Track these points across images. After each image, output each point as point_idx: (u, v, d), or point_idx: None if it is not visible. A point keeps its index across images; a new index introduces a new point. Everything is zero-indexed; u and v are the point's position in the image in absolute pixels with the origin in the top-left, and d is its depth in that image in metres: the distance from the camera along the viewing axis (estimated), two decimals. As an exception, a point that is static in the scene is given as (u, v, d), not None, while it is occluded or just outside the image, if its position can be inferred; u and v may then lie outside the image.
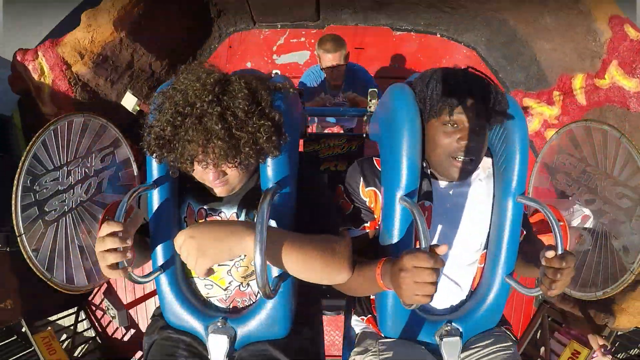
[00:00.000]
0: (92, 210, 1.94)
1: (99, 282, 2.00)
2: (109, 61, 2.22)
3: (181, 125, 0.76)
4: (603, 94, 2.12)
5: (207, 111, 0.75)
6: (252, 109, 0.79)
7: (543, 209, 0.87)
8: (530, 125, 2.55)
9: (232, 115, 0.77)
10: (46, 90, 2.09)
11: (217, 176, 0.83)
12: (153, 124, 0.81)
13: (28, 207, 1.63)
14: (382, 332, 1.00)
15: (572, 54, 2.34)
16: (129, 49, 2.28)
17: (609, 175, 1.83)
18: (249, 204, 0.94)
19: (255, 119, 0.79)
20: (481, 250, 0.99)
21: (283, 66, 3.10)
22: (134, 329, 2.59)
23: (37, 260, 1.65)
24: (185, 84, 0.80)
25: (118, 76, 2.32)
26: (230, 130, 0.76)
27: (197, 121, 0.75)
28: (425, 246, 0.73)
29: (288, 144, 0.89)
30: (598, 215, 1.87)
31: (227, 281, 0.97)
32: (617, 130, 1.77)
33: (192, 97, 0.76)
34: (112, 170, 2.06)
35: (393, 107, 0.93)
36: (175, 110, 0.77)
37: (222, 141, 0.75)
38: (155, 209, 0.93)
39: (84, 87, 2.19)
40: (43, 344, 2.09)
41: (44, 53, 2.03)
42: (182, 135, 0.77)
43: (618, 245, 1.79)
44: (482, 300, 0.97)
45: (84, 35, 2.07)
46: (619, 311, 1.89)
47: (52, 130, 1.71)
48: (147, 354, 0.97)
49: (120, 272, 0.76)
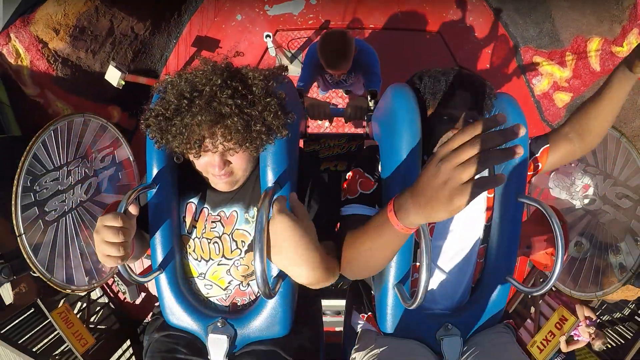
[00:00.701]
0: (92, 210, 1.94)
1: (99, 281, 2.00)
2: (86, 32, 2.06)
3: (188, 108, 0.77)
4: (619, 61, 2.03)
5: (216, 94, 0.76)
6: (259, 91, 0.81)
7: (543, 208, 0.87)
8: (539, 85, 2.44)
9: (241, 97, 0.78)
10: (25, 73, 2.00)
11: (222, 165, 0.83)
12: (155, 107, 0.81)
13: (28, 207, 1.63)
14: (381, 330, 1.00)
15: (591, 16, 2.19)
16: (106, 15, 2.11)
17: (609, 175, 1.83)
18: (248, 203, 0.95)
19: (262, 98, 0.81)
20: (479, 244, 0.99)
21: (276, 18, 2.81)
22: (144, 293, 2.63)
23: (37, 260, 1.65)
24: (191, 74, 0.82)
25: (99, 45, 2.18)
26: (241, 110, 0.78)
27: (206, 104, 0.76)
28: (425, 246, 0.73)
29: (288, 144, 0.89)
30: (598, 215, 1.87)
31: (227, 281, 0.97)
32: (617, 130, 1.77)
33: (200, 83, 0.78)
34: (112, 170, 2.06)
35: (393, 107, 0.93)
36: (180, 94, 0.78)
37: (232, 121, 0.77)
38: (154, 209, 0.93)
39: (65, 62, 2.07)
40: (61, 319, 2.16)
41: (16, 34, 1.90)
42: (189, 120, 0.77)
43: (615, 262, 1.80)
44: (482, 299, 0.97)
45: (55, 9, 1.91)
46: (606, 283, 1.89)
47: (52, 130, 1.71)
48: (147, 351, 0.97)
49: (117, 261, 0.77)
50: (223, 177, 0.86)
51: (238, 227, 0.95)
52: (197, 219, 0.96)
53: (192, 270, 0.99)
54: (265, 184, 0.89)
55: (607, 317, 2.24)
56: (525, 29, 2.64)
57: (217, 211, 0.95)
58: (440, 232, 0.96)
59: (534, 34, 2.59)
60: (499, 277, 0.95)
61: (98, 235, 0.75)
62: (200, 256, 0.97)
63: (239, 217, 0.95)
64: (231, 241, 0.95)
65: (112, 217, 0.75)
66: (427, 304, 1.01)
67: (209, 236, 0.96)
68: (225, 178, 0.86)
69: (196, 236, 0.96)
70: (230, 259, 0.96)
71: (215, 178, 0.87)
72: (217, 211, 0.96)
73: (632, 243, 1.75)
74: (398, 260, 0.89)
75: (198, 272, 0.98)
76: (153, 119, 0.81)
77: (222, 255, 0.96)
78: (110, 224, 0.74)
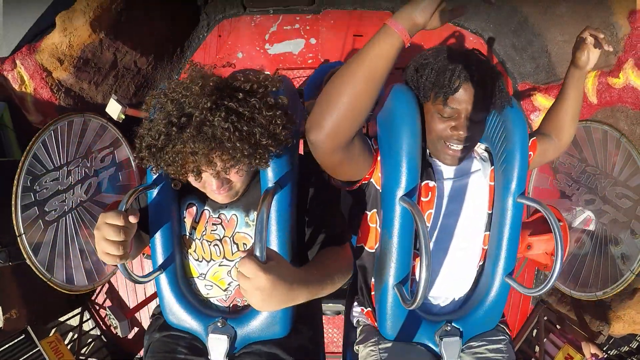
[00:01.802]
0: (92, 210, 1.94)
1: (99, 281, 2.00)
2: (90, 63, 2.11)
3: (177, 137, 0.73)
4: (616, 94, 2.01)
5: (207, 119, 0.72)
6: (258, 103, 0.78)
7: (543, 209, 0.87)
8: (537, 121, 2.38)
9: (237, 115, 0.75)
10: (29, 100, 2.02)
11: (220, 185, 0.82)
12: (143, 134, 0.78)
13: (28, 207, 1.63)
14: (381, 331, 1.00)
15: None
16: (110, 48, 2.14)
17: (609, 175, 1.83)
18: (249, 205, 0.94)
19: (265, 111, 0.78)
20: (484, 231, 0.99)
21: (276, 56, 2.89)
22: (137, 327, 2.60)
23: (37, 260, 1.65)
24: (177, 91, 0.77)
25: (102, 77, 2.21)
26: (239, 129, 0.74)
27: (196, 132, 0.72)
28: (424, 246, 0.73)
29: (287, 145, 0.89)
30: (598, 215, 1.87)
31: (227, 282, 0.97)
32: (617, 130, 1.77)
33: (188, 107, 0.74)
34: (112, 170, 2.06)
35: (393, 107, 0.93)
36: (169, 121, 0.74)
37: (230, 143, 0.73)
38: (155, 209, 0.93)
39: (68, 92, 2.11)
40: (50, 348, 2.10)
41: (22, 61, 1.95)
42: (181, 148, 0.74)
43: (617, 252, 1.79)
44: (482, 300, 0.97)
45: (60, 39, 1.94)
46: (615, 318, 1.87)
47: (52, 130, 1.71)
48: (147, 351, 0.97)
49: (115, 259, 0.76)
50: (223, 192, 0.85)
51: (239, 230, 0.95)
52: (198, 221, 0.96)
53: (193, 270, 0.99)
54: (265, 185, 0.89)
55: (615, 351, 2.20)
56: (522, 65, 2.68)
57: (218, 214, 0.95)
58: (447, 220, 0.96)
59: (530, 69, 2.62)
60: (498, 278, 0.96)
61: (99, 232, 0.74)
62: (202, 257, 0.97)
63: (239, 221, 0.94)
64: (232, 244, 0.95)
65: (114, 215, 0.74)
66: (427, 304, 1.01)
67: (209, 238, 0.96)
68: (225, 192, 0.85)
69: (197, 237, 0.96)
70: (231, 260, 0.96)
71: (213, 193, 0.86)
72: (217, 214, 0.95)
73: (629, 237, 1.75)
74: (398, 260, 0.89)
75: (198, 273, 0.98)
76: (145, 150, 0.78)
77: (223, 257, 0.96)
78: (112, 221, 0.73)
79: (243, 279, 0.63)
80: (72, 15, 1.95)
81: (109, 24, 2.08)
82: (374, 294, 1.02)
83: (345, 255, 0.91)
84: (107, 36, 2.09)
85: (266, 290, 0.62)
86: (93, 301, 2.59)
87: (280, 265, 0.66)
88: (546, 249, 1.20)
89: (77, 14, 1.96)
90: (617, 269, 1.76)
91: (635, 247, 1.72)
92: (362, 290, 1.09)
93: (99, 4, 1.99)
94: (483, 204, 0.98)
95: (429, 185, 0.93)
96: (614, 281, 1.76)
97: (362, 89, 0.68)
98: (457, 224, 0.96)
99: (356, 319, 1.12)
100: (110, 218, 0.74)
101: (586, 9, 2.15)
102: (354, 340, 1.08)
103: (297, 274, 0.70)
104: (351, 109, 0.70)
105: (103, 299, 2.57)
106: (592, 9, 2.11)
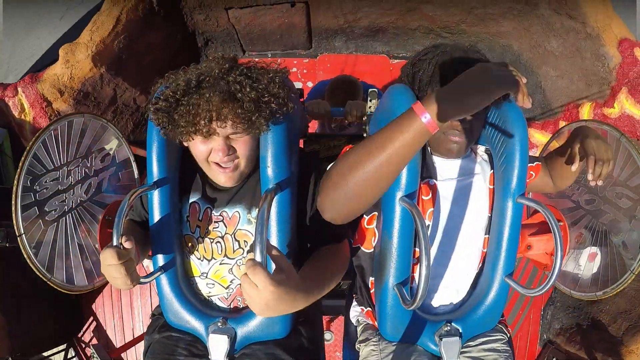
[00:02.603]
0: (92, 210, 1.94)
1: (99, 281, 2.00)
2: (90, 97, 2.13)
3: (196, 88, 0.79)
4: (612, 124, 1.96)
5: (223, 76, 0.80)
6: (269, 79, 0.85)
7: (542, 209, 0.87)
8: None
9: (247, 77, 0.82)
10: (27, 128, 2.04)
11: (226, 150, 0.83)
12: (162, 92, 0.83)
13: (28, 207, 1.63)
14: (380, 331, 1.00)
15: (580, 81, 2.21)
16: (110, 84, 2.18)
17: (609, 175, 1.83)
18: (250, 204, 0.95)
19: (275, 85, 0.85)
20: (484, 234, 0.99)
21: None
22: None
23: (37, 260, 1.64)
24: (194, 67, 0.86)
25: (101, 112, 2.23)
26: (250, 85, 0.81)
27: (215, 82, 0.80)
28: (424, 247, 0.73)
29: (288, 145, 0.89)
30: (598, 215, 1.87)
31: (229, 280, 0.97)
32: (617, 130, 1.77)
33: (207, 70, 0.82)
34: (112, 170, 2.06)
35: (393, 107, 0.93)
36: (188, 79, 0.81)
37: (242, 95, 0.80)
38: (155, 210, 0.93)
39: None
40: None
41: (23, 89, 1.97)
42: (197, 98, 0.79)
43: (617, 241, 1.78)
44: (481, 300, 0.98)
45: (62, 71, 1.99)
46: (627, 354, 1.82)
47: (52, 130, 1.71)
48: (147, 352, 0.97)
49: (129, 285, 0.79)
50: (228, 163, 0.86)
51: (240, 227, 0.95)
52: (201, 219, 0.96)
53: (194, 269, 0.99)
54: (266, 185, 0.89)
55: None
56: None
57: (220, 211, 0.96)
58: (450, 221, 0.96)
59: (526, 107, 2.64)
60: (498, 278, 0.96)
61: (104, 272, 0.79)
62: (203, 255, 0.97)
63: (241, 218, 0.95)
64: (233, 241, 0.96)
65: (110, 257, 0.76)
66: (426, 304, 1.01)
67: (211, 236, 0.96)
68: (230, 167, 0.87)
69: (199, 235, 0.97)
70: (232, 258, 0.96)
71: (218, 169, 0.87)
72: (219, 211, 0.96)
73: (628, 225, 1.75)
74: (398, 261, 0.89)
75: (200, 272, 0.98)
76: (162, 101, 0.82)
77: (224, 255, 0.96)
78: (109, 263, 0.76)
79: (250, 286, 0.62)
80: (75, 48, 2.00)
81: (110, 59, 2.13)
82: (373, 292, 1.02)
83: (343, 254, 0.93)
84: (108, 71, 2.12)
85: (271, 302, 0.63)
86: (79, 338, 2.51)
87: (290, 278, 0.66)
88: (546, 249, 1.20)
89: (80, 47, 2.01)
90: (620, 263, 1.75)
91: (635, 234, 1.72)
92: (361, 290, 1.09)
93: (101, 39, 2.04)
94: (483, 207, 0.98)
95: (429, 184, 0.93)
96: (615, 281, 1.76)
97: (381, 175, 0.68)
98: (458, 225, 0.97)
99: (356, 318, 1.13)
100: (107, 260, 0.76)
101: (576, 42, 2.17)
102: (354, 340, 1.08)
103: (301, 285, 0.71)
104: (367, 196, 0.72)
105: (90, 337, 2.50)
106: (582, 41, 2.14)
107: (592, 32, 2.05)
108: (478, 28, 2.61)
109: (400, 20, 2.67)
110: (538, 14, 2.31)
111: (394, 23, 2.70)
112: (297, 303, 0.69)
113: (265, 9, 2.51)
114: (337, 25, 2.76)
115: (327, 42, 2.94)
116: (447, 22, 2.62)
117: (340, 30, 2.81)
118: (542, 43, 2.37)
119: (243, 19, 2.58)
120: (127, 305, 2.41)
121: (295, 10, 2.53)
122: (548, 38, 2.32)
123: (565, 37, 2.22)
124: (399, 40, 2.86)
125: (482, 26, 2.58)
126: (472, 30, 2.63)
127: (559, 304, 2.32)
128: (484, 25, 2.57)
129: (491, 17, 2.50)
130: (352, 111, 1.55)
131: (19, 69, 2.13)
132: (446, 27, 2.68)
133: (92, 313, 2.42)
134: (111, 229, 0.82)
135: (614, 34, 2.00)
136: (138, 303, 2.40)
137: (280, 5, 2.50)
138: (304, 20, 2.62)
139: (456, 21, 2.60)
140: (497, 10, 2.44)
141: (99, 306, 2.40)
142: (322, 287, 0.81)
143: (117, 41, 2.12)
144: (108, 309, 2.41)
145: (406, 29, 2.73)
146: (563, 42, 2.24)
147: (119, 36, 2.12)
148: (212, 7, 2.49)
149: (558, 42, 2.27)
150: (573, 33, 2.16)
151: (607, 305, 2.09)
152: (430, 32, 2.74)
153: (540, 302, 2.35)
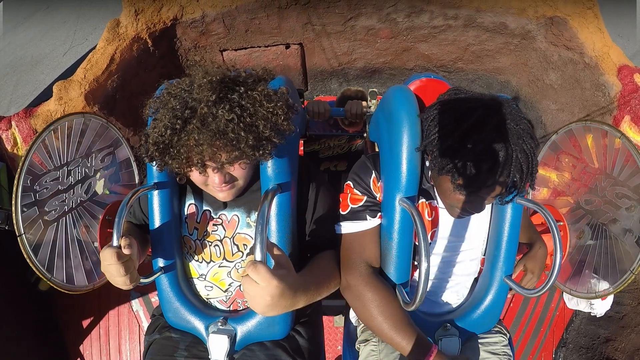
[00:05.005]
0: (92, 210, 1.94)
1: (99, 281, 2.00)
2: None
3: (182, 129, 0.74)
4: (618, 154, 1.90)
5: (211, 112, 0.73)
6: (260, 96, 0.78)
7: (541, 210, 0.87)
8: (539, 195, 2.23)
9: (240, 108, 0.75)
10: (19, 161, 1.98)
11: (222, 180, 0.81)
12: (149, 132, 0.79)
13: (28, 207, 1.63)
14: None
15: (581, 113, 2.15)
16: None
17: (609, 175, 1.83)
18: (250, 206, 0.95)
19: (266, 103, 0.78)
20: (482, 254, 1.00)
21: None
22: None
23: (37, 260, 1.65)
24: (180, 88, 0.78)
25: None
26: (244, 122, 0.75)
27: (200, 123, 0.73)
28: (424, 248, 0.74)
29: (288, 144, 0.89)
30: (598, 215, 1.87)
31: (228, 283, 0.97)
32: (617, 130, 1.77)
33: (192, 101, 0.75)
34: (112, 170, 2.06)
35: (393, 107, 0.93)
36: (173, 115, 0.75)
37: (234, 134, 0.74)
38: (155, 210, 0.93)
39: None
40: None
41: (17, 123, 1.98)
42: (185, 140, 0.74)
43: (618, 230, 1.76)
44: (480, 300, 0.98)
45: (55, 107, 2.00)
46: None
47: (52, 130, 1.71)
48: (147, 352, 0.97)
49: (129, 285, 0.79)
50: (225, 188, 0.85)
51: (239, 231, 0.95)
52: (199, 221, 0.96)
53: (193, 271, 0.99)
54: (266, 186, 0.89)
55: None
56: (517, 137, 2.67)
57: (218, 214, 0.95)
58: (452, 239, 0.96)
59: (527, 142, 2.61)
60: (497, 279, 0.96)
61: (104, 271, 0.79)
62: (202, 258, 0.97)
63: (240, 222, 0.95)
64: (232, 244, 0.95)
65: (109, 256, 0.76)
66: (426, 305, 1.01)
67: (210, 239, 0.96)
68: (227, 189, 0.85)
69: (197, 238, 0.96)
70: (231, 261, 0.96)
71: (216, 189, 0.86)
72: (218, 214, 0.96)
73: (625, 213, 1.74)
74: (398, 262, 0.89)
75: (199, 274, 0.98)
76: (152, 147, 0.78)
77: (223, 258, 0.96)
78: (109, 262, 0.76)
79: (252, 285, 0.63)
80: (68, 85, 2.01)
81: (103, 98, 2.12)
82: None
83: (333, 268, 0.92)
84: (100, 110, 2.11)
85: (274, 298, 0.63)
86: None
87: (290, 274, 0.67)
88: (546, 249, 1.20)
89: (74, 84, 2.01)
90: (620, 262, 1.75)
91: (633, 219, 1.70)
92: None
93: (95, 77, 2.04)
94: (484, 226, 0.98)
95: (432, 205, 0.93)
96: (615, 281, 1.76)
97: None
98: (457, 247, 0.97)
99: (356, 318, 1.13)
100: (106, 260, 0.76)
101: (575, 73, 2.14)
102: (354, 340, 1.08)
103: (300, 281, 0.71)
104: None
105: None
106: (580, 72, 2.11)
107: (591, 61, 2.03)
108: (475, 65, 2.57)
109: (397, 61, 2.65)
110: (535, 48, 2.28)
111: (390, 63, 2.69)
112: (297, 299, 0.70)
113: (260, 51, 2.51)
114: (332, 67, 2.75)
115: (323, 84, 2.93)
116: (443, 60, 2.60)
117: (335, 72, 2.80)
118: (540, 77, 2.34)
119: (238, 61, 2.57)
120: (115, 349, 2.30)
121: (290, 53, 2.53)
122: (546, 71, 2.28)
123: (563, 69, 2.18)
124: (395, 81, 2.83)
125: (479, 63, 2.55)
126: (469, 68, 2.59)
127: (571, 345, 2.25)
128: (481, 62, 2.53)
129: (488, 54, 2.48)
130: (351, 110, 1.56)
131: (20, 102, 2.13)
132: (443, 66, 2.65)
133: (79, 355, 2.30)
134: (111, 229, 0.82)
135: (613, 61, 1.98)
136: (126, 347, 2.29)
137: (275, 47, 2.50)
138: (299, 62, 2.62)
139: (453, 59, 2.58)
140: (493, 46, 2.41)
141: (86, 348, 2.28)
142: (322, 285, 0.81)
143: (110, 80, 2.11)
144: (96, 351, 2.29)
145: (402, 68, 2.70)
146: (562, 74, 2.21)
147: (112, 75, 2.11)
148: (207, 48, 2.48)
149: (557, 74, 2.24)
150: (571, 64, 2.13)
151: (622, 343, 2.05)
152: (427, 71, 2.70)
153: (551, 344, 2.27)
